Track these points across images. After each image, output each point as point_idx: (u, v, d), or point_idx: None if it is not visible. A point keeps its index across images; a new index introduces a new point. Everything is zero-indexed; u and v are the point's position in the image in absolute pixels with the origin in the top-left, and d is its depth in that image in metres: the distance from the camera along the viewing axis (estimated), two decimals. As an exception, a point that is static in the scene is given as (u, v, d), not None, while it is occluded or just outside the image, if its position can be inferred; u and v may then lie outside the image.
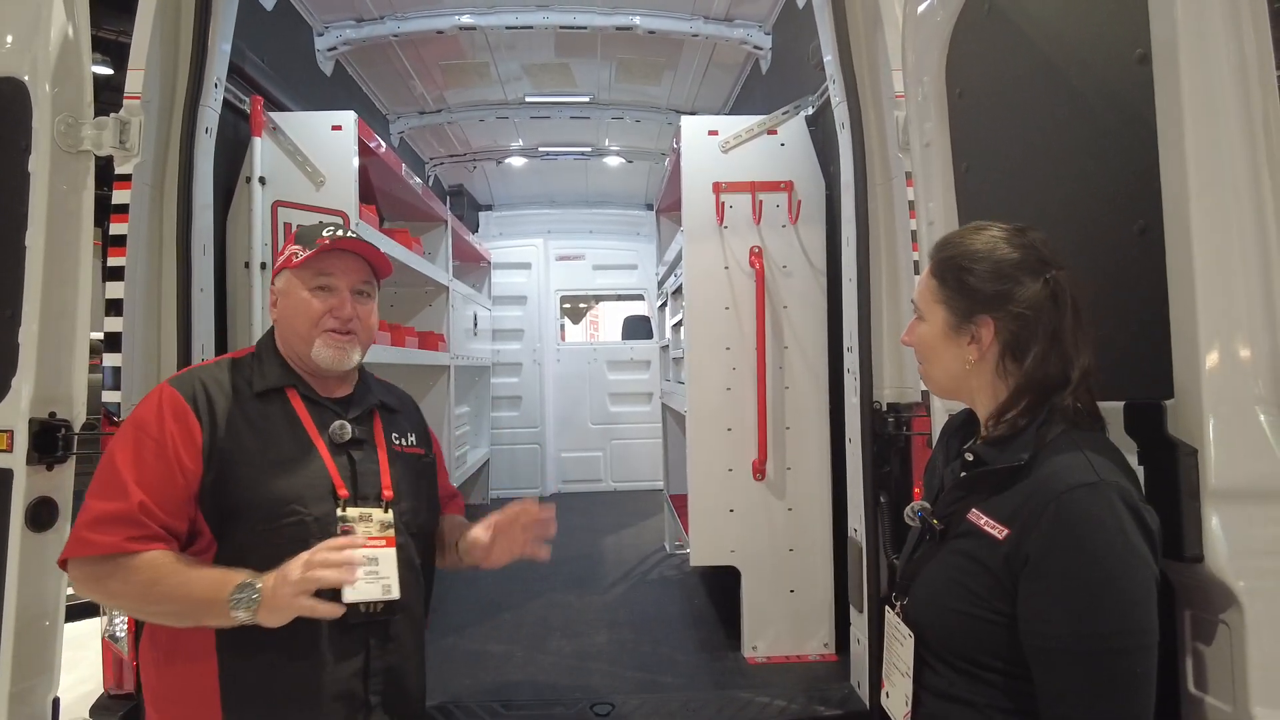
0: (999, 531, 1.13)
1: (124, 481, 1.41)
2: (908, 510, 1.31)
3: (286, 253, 1.61)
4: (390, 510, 1.55)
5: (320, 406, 1.59)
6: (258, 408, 1.54)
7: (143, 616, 1.49)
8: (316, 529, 1.47)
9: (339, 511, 1.50)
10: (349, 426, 1.58)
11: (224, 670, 1.44)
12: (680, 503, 3.93)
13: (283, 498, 1.47)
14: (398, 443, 1.66)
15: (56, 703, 1.99)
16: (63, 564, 1.46)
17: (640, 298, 7.52)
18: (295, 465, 1.50)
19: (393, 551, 1.52)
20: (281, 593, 1.34)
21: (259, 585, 1.35)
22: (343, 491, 1.51)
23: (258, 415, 1.53)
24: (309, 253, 1.56)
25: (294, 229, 2.90)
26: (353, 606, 1.46)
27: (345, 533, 1.48)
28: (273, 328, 1.66)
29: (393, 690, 1.54)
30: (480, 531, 1.64)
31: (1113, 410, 1.31)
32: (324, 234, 1.59)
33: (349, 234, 1.61)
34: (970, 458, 1.24)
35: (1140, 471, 1.26)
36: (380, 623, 1.51)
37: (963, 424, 1.39)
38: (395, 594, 1.50)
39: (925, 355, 1.32)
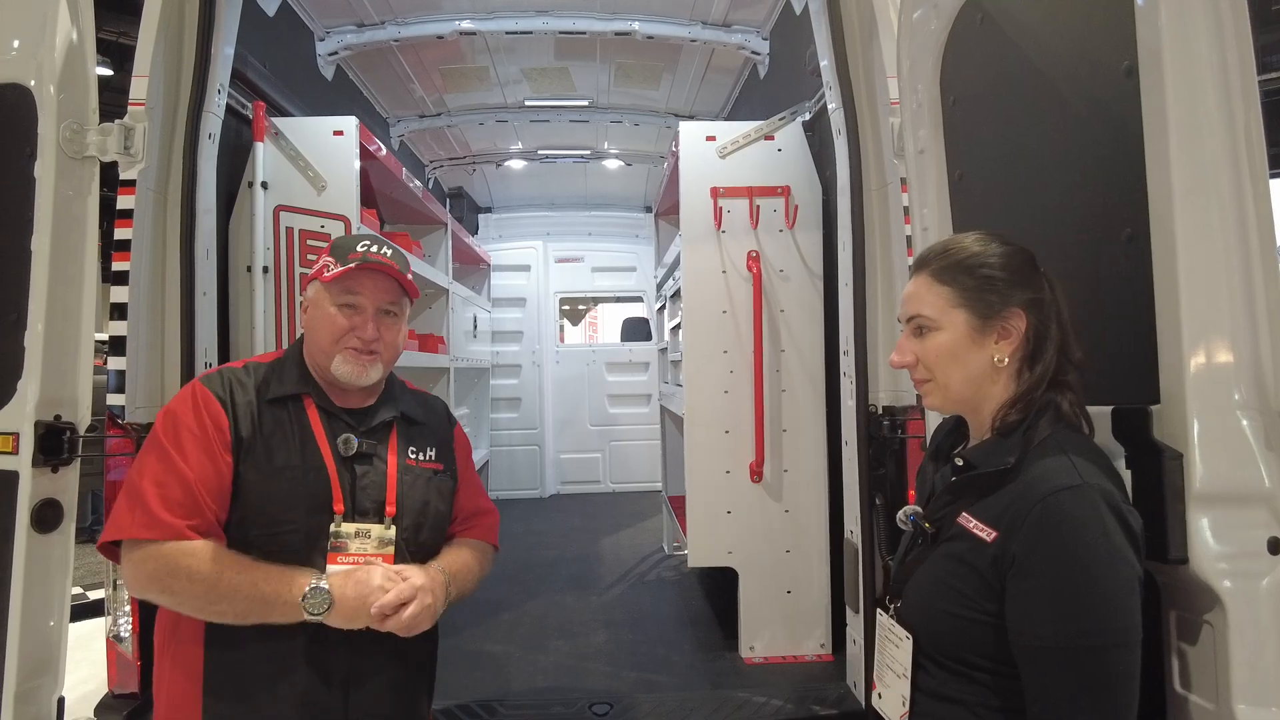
0: (987, 534, 1.15)
1: (178, 468, 1.42)
2: (900, 514, 1.33)
3: (320, 263, 1.59)
4: (393, 527, 1.53)
5: (334, 417, 1.57)
6: (271, 413, 1.53)
7: (205, 615, 1.43)
8: (306, 542, 1.47)
9: (332, 526, 1.48)
10: (354, 440, 1.55)
11: (209, 668, 1.45)
12: (678, 504, 3.95)
13: (282, 506, 1.47)
14: (413, 457, 1.63)
15: (61, 702, 2.01)
16: (105, 550, 1.46)
17: (639, 300, 7.54)
18: (299, 475, 1.50)
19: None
20: (368, 599, 1.40)
21: (327, 588, 1.40)
22: (338, 506, 1.49)
23: (270, 421, 1.52)
24: (340, 269, 1.54)
25: (298, 233, 2.99)
26: None
27: (335, 549, 1.47)
28: (301, 337, 1.65)
29: (380, 709, 1.51)
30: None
31: (1101, 415, 1.34)
32: (358, 248, 1.57)
33: (384, 251, 1.58)
34: (960, 462, 1.27)
35: (1128, 475, 1.29)
36: (368, 638, 1.47)
37: (952, 429, 1.41)
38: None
39: (943, 365, 1.27)
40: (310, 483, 1.49)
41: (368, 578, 1.42)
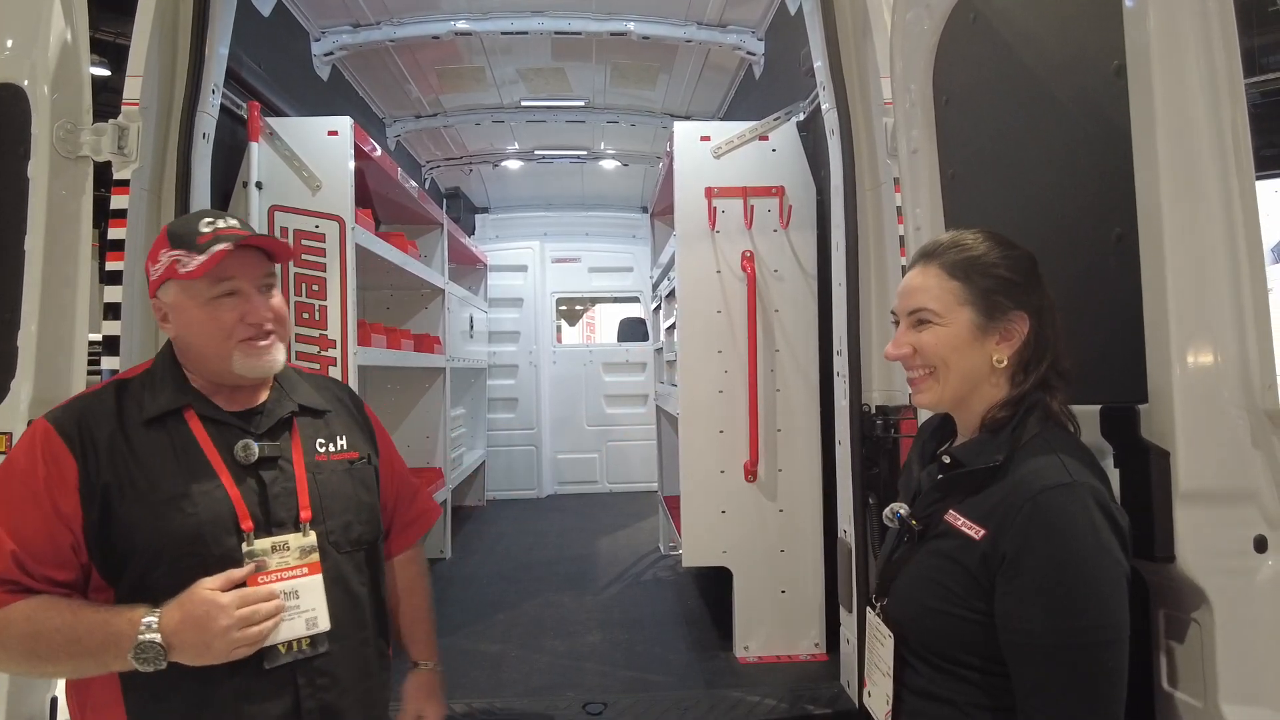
0: (976, 531, 1.16)
1: None
2: (886, 512, 1.33)
3: (164, 260, 1.36)
4: (311, 532, 1.38)
5: (223, 425, 1.39)
6: (147, 437, 1.34)
7: (40, 675, 1.30)
8: (219, 570, 1.29)
9: (245, 546, 1.32)
10: (254, 445, 1.37)
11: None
12: (674, 504, 3.95)
13: (180, 538, 1.29)
14: (322, 450, 1.47)
15: (54, 702, 2.01)
16: None
17: (636, 300, 7.55)
18: (192, 500, 1.31)
19: (317, 579, 1.36)
20: (214, 646, 1.24)
21: (158, 642, 1.22)
22: (246, 524, 1.32)
23: (146, 446, 1.33)
24: (202, 260, 1.32)
25: (292, 233, 2.98)
26: (270, 649, 1.31)
27: (256, 569, 1.32)
28: (170, 341, 1.44)
29: None
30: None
31: (1090, 414, 1.34)
32: (203, 228, 1.36)
33: (231, 224, 1.39)
34: (947, 460, 1.27)
35: (1116, 474, 1.29)
36: (309, 659, 1.34)
37: (938, 427, 1.41)
38: (323, 625, 1.36)
39: (942, 360, 1.25)
40: (208, 507, 1.32)
41: (206, 612, 1.23)
